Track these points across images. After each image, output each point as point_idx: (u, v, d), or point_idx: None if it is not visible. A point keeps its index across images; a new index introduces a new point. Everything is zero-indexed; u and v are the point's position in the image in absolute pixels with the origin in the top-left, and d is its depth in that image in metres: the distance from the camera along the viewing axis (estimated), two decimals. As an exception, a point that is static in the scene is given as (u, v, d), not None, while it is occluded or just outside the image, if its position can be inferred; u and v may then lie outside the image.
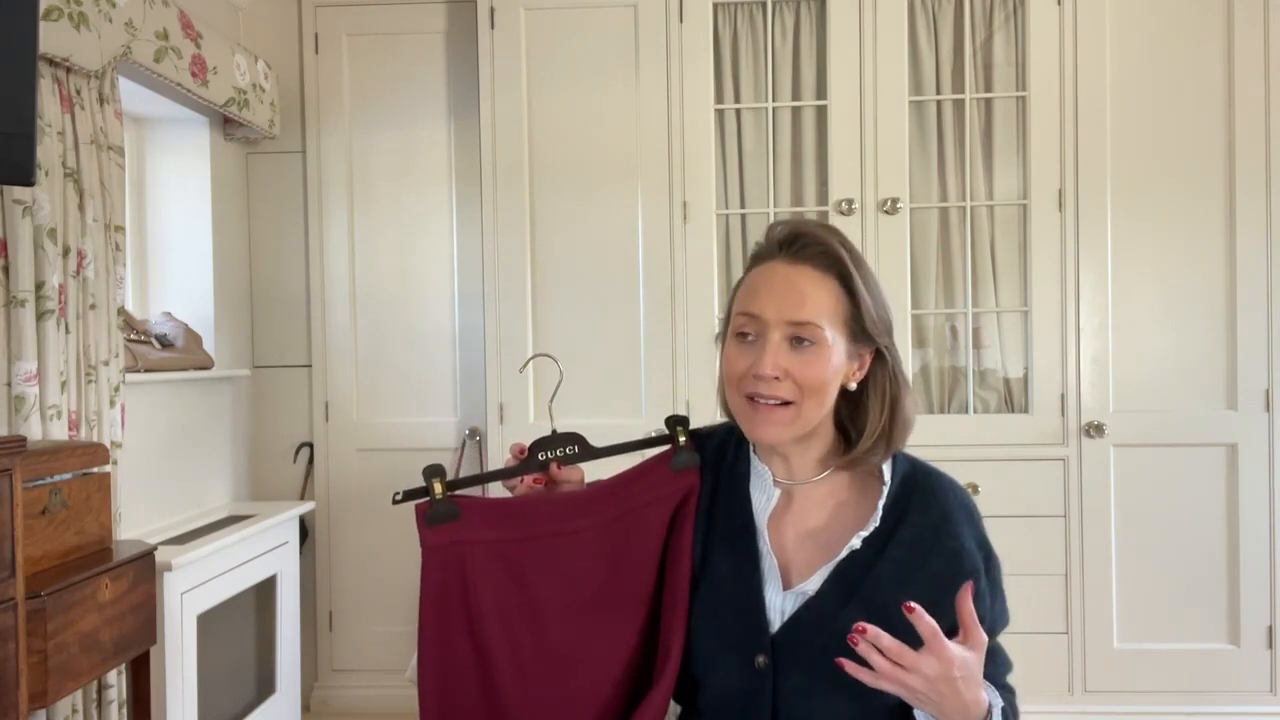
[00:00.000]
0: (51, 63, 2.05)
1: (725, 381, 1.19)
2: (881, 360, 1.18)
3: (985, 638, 1.03)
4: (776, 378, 1.12)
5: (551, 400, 1.36)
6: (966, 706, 1.01)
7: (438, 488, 1.16)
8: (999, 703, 1.07)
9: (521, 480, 1.27)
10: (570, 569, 1.19)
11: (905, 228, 2.90)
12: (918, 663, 0.98)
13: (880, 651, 0.99)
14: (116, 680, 2.19)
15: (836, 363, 1.14)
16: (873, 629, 0.99)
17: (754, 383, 1.13)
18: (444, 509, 1.17)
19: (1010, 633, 1.23)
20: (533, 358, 1.20)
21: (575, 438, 1.27)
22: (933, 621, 0.99)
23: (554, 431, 1.28)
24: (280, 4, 3.24)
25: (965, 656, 1.00)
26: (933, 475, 1.21)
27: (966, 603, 1.02)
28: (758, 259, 1.19)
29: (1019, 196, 2.92)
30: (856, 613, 1.07)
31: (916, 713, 1.06)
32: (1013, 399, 2.95)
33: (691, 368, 2.94)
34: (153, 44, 2.39)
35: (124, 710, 2.20)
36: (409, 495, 1.18)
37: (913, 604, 1.00)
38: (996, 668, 1.16)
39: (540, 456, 1.26)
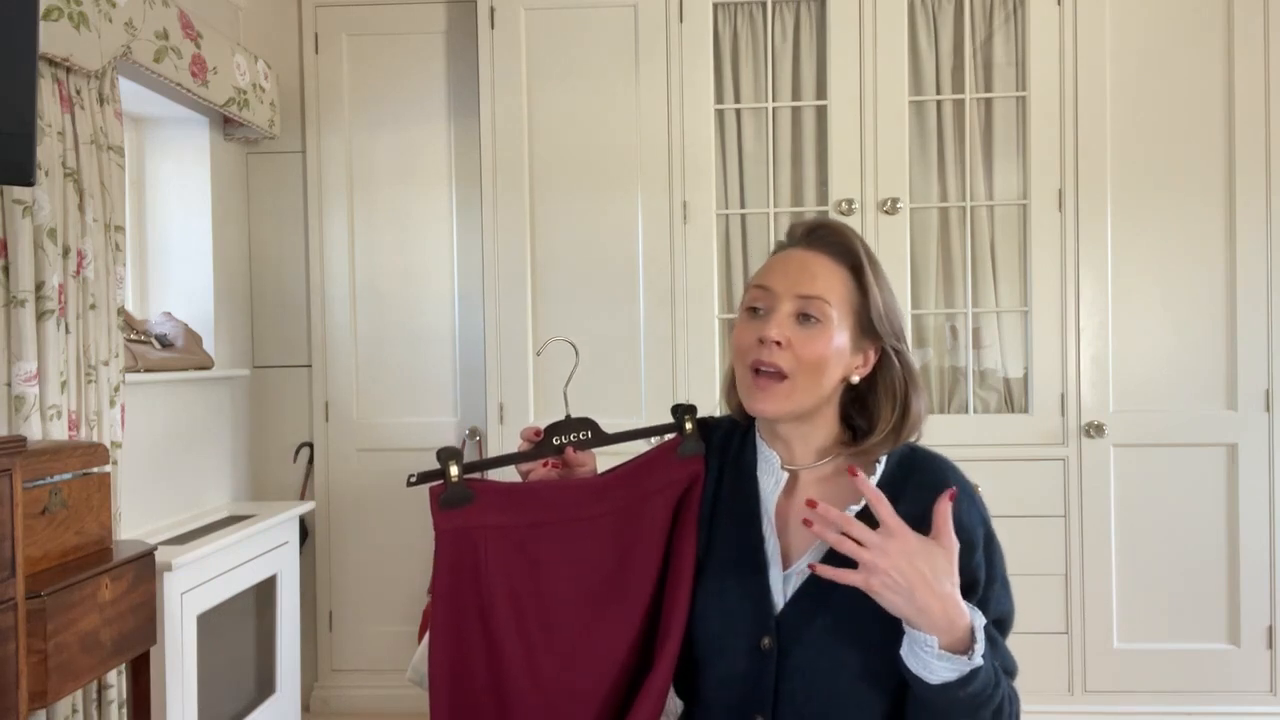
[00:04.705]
0: (51, 63, 2.05)
1: (734, 357, 1.23)
2: (889, 360, 1.21)
3: (956, 543, 1.07)
4: (779, 343, 1.15)
5: (566, 385, 1.36)
6: (944, 603, 1.03)
7: (453, 470, 1.15)
8: (982, 621, 1.07)
9: (545, 463, 1.28)
10: (580, 555, 1.20)
11: (905, 228, 2.90)
12: (873, 536, 1.04)
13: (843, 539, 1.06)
14: (116, 680, 2.19)
15: (839, 345, 1.17)
16: (823, 504, 1.08)
17: (758, 349, 1.17)
18: (459, 492, 1.16)
19: (1010, 632, 1.22)
20: (548, 342, 1.20)
21: (588, 422, 1.29)
22: (875, 489, 1.08)
23: (568, 416, 1.29)
24: (280, 4, 3.24)
25: (930, 547, 1.05)
26: (934, 458, 1.24)
27: (943, 505, 1.08)
28: (777, 250, 1.25)
29: (1019, 196, 2.92)
30: (851, 588, 1.07)
31: (904, 651, 1.07)
32: (1013, 399, 2.95)
33: (691, 368, 2.94)
34: (153, 44, 2.39)
35: (124, 710, 2.20)
36: (424, 477, 1.16)
37: (854, 469, 1.10)
38: (996, 654, 1.15)
39: (555, 440, 1.27)
